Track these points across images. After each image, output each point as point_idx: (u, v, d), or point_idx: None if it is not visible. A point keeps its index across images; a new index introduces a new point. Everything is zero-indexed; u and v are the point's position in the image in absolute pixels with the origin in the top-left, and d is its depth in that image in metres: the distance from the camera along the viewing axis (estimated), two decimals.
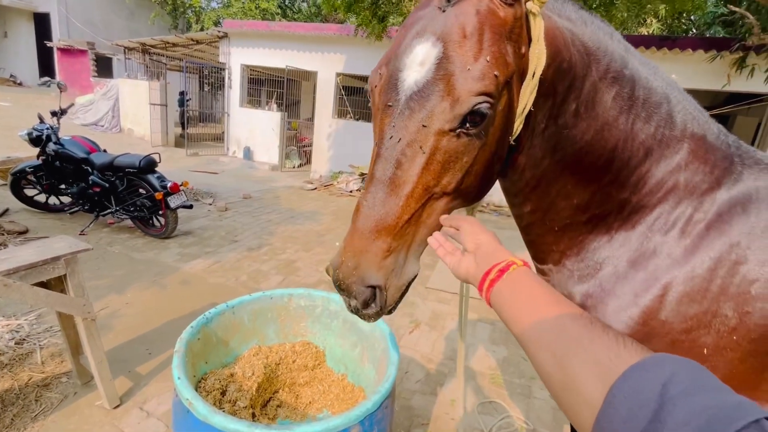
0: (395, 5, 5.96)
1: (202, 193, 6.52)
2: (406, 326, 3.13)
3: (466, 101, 0.66)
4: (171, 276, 3.58)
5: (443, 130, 0.68)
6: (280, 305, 1.39)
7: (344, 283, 0.72)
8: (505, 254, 0.65)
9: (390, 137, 0.70)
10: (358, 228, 0.72)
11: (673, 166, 0.85)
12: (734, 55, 5.94)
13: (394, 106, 0.70)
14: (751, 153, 0.93)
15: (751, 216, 0.83)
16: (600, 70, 0.81)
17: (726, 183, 0.86)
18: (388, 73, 0.73)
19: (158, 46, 11.92)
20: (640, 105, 0.83)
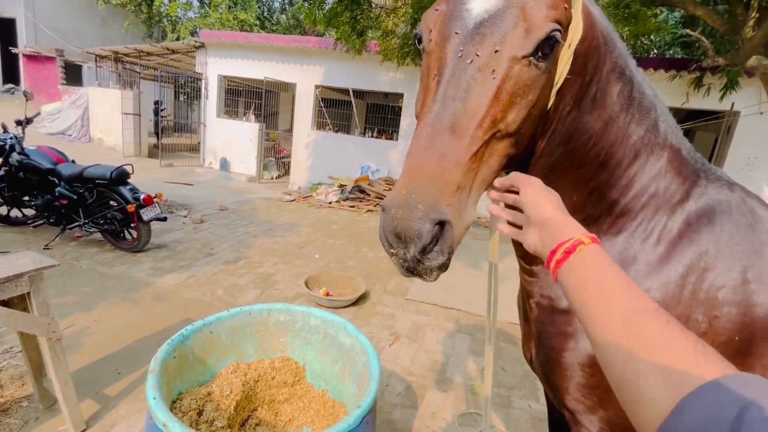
0: (374, 20, 6.07)
1: (177, 205, 6.35)
2: (386, 339, 3.12)
3: (543, 26, 0.66)
4: (143, 291, 3.45)
5: (516, 57, 0.66)
6: (259, 321, 1.37)
7: (405, 222, 0.60)
8: (572, 229, 0.58)
9: (458, 61, 0.66)
10: (422, 158, 0.63)
11: (655, 173, 0.90)
12: (692, 75, 6.34)
13: (461, 34, 0.68)
14: (714, 170, 1.00)
15: (716, 226, 0.89)
16: (612, 61, 0.83)
17: (694, 195, 0.92)
18: (450, 7, 0.71)
19: (132, 55, 11.67)
20: (635, 106, 0.87)
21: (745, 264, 0.86)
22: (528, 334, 1.12)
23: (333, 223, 6.53)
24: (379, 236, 0.67)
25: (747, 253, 0.87)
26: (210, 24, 14.10)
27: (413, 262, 0.63)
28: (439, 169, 0.63)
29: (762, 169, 6.53)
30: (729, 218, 0.90)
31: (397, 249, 0.63)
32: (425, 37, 0.74)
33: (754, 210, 0.92)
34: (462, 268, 4.83)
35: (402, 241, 0.62)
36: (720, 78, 6.07)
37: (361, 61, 8.25)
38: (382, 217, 0.65)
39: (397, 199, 0.62)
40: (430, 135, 0.64)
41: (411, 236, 0.60)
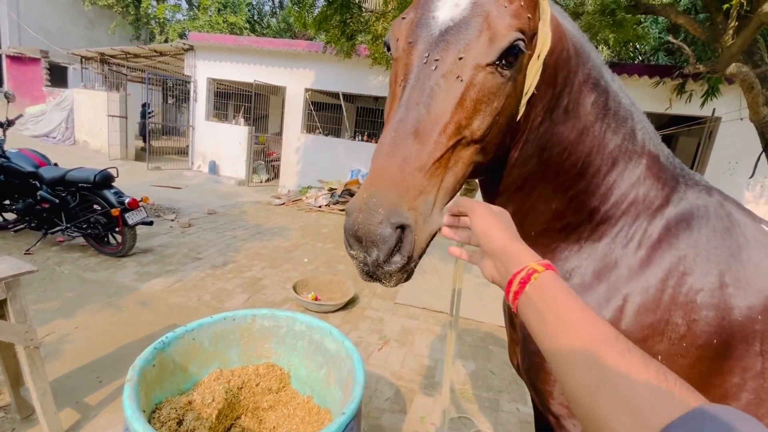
0: (364, 24, 6.08)
1: (164, 209, 6.26)
2: (374, 343, 3.10)
3: (506, 35, 0.66)
4: (127, 297, 3.38)
5: (480, 64, 0.67)
6: (243, 327, 1.35)
7: (365, 227, 0.60)
8: (524, 257, 0.57)
9: (423, 67, 0.67)
10: (385, 163, 0.63)
11: (634, 180, 0.91)
12: (675, 81, 6.48)
13: (426, 41, 0.68)
14: (692, 175, 1.02)
15: (694, 231, 0.91)
16: (584, 72, 0.84)
17: (673, 200, 0.93)
18: (418, 15, 0.71)
19: (118, 57, 11.51)
20: (611, 116, 0.88)
21: (723, 268, 0.88)
22: (514, 340, 1.12)
23: (322, 227, 6.50)
24: (343, 240, 0.67)
25: (724, 257, 0.89)
26: (199, 26, 13.99)
27: (373, 266, 0.62)
28: (401, 173, 0.62)
29: (742, 173, 6.69)
30: (707, 223, 0.92)
31: (358, 252, 0.63)
32: (393, 45, 0.75)
33: (731, 214, 0.94)
34: (451, 270, 4.83)
35: (362, 245, 0.62)
36: (701, 85, 6.21)
37: (350, 64, 8.26)
38: (345, 222, 0.65)
39: (358, 203, 0.62)
40: (393, 140, 0.64)
41: (371, 240, 0.60)
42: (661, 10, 4.55)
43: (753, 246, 0.90)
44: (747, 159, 6.56)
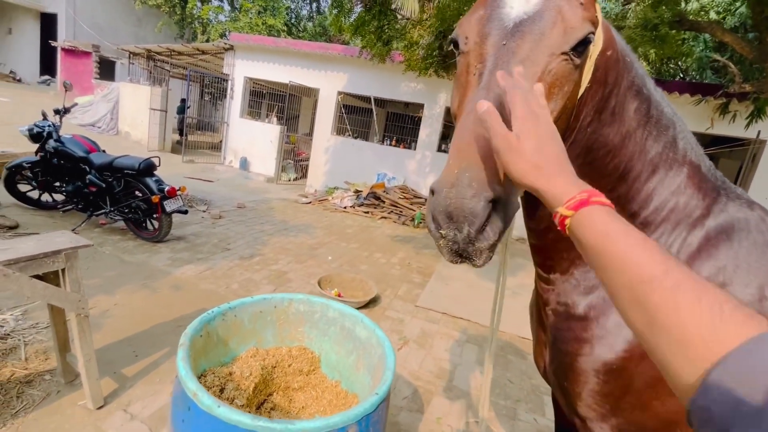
0: (399, 31, 6.19)
1: (197, 200, 6.51)
2: (394, 342, 3.14)
3: (581, 27, 0.70)
4: (162, 280, 3.55)
5: (556, 52, 0.70)
6: (280, 309, 1.43)
7: (458, 201, 0.59)
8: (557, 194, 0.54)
9: (501, 54, 0.70)
10: (470, 141, 0.63)
11: (674, 188, 0.92)
12: (718, 100, 6.27)
13: (501, 32, 0.71)
14: (734, 189, 1.02)
15: (734, 243, 0.91)
16: (629, 79, 0.87)
17: (714, 211, 0.94)
18: (488, 12, 0.75)
19: (163, 54, 12.08)
20: (653, 123, 0.90)
21: (762, 281, 0.88)
22: (541, 342, 1.14)
23: (347, 227, 6.60)
24: (426, 221, 0.67)
25: (764, 270, 0.89)
26: (239, 27, 14.53)
27: (464, 242, 0.61)
28: (490, 151, 0.61)
29: None
30: (747, 235, 0.92)
31: (447, 230, 0.62)
32: (462, 41, 0.77)
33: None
34: (473, 278, 4.82)
35: (453, 221, 0.61)
36: (747, 105, 5.98)
37: (383, 70, 8.39)
38: (430, 200, 0.65)
39: (448, 179, 0.62)
40: (477, 120, 0.63)
41: (465, 215, 0.59)
42: (707, 27, 4.45)
43: None
44: None
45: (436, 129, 8.74)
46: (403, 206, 7.90)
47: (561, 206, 0.52)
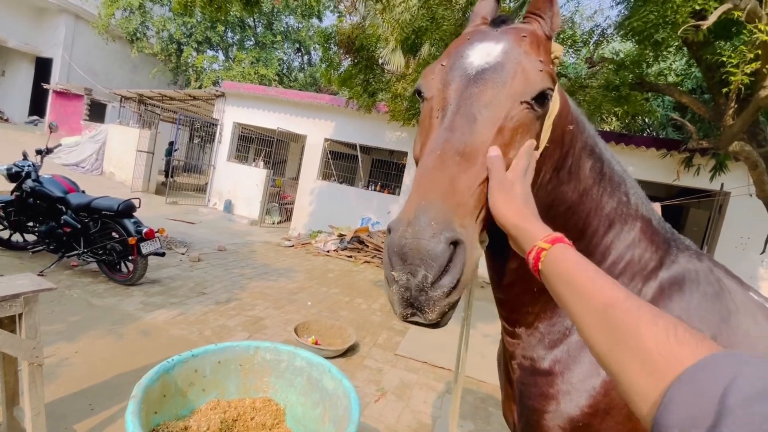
0: (385, 84, 6.53)
1: (176, 242, 6.40)
2: (371, 394, 3.01)
3: (541, 80, 0.73)
4: (130, 325, 3.40)
5: (517, 100, 0.71)
6: (245, 357, 1.37)
7: (415, 241, 0.55)
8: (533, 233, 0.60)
9: (464, 98, 0.70)
10: (434, 177, 0.61)
11: (630, 242, 0.95)
12: (682, 155, 6.67)
13: (464, 78, 0.73)
14: (683, 240, 1.07)
15: (686, 294, 0.94)
16: (583, 139, 0.91)
17: (666, 263, 0.97)
18: (451, 61, 0.77)
19: (155, 98, 12.38)
20: (606, 180, 0.95)
21: (714, 332, 0.90)
22: (510, 396, 1.12)
23: (329, 272, 6.52)
24: (383, 266, 0.61)
25: (715, 322, 0.91)
26: (232, 76, 15.10)
27: (417, 290, 0.56)
28: (452, 188, 0.60)
29: (755, 249, 6.63)
30: (698, 287, 0.95)
31: (401, 274, 0.56)
32: (426, 87, 0.79)
33: (720, 280, 0.98)
34: (454, 325, 4.74)
35: (407, 263, 0.56)
36: (709, 159, 6.38)
37: (369, 119, 8.74)
38: (387, 239, 0.60)
39: (406, 216, 0.58)
40: (440, 157, 0.64)
41: (422, 256, 0.55)
42: (666, 89, 4.83)
43: (742, 312, 0.93)
44: (759, 235, 6.53)
45: None
46: None
47: (539, 240, 0.57)
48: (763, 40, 2.56)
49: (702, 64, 4.09)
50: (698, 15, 2.98)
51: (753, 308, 0.95)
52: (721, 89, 3.70)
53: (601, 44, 5.89)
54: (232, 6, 4.80)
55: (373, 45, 5.89)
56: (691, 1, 2.81)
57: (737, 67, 2.88)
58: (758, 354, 0.88)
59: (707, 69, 4.06)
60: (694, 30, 2.90)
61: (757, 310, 0.96)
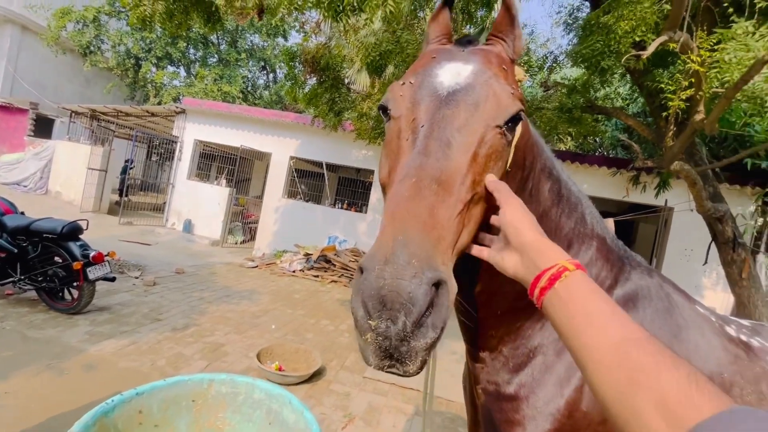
0: (350, 103, 6.59)
1: (130, 265, 6.01)
2: (339, 421, 2.90)
3: (513, 104, 0.71)
4: (72, 359, 3.11)
5: (490, 125, 0.69)
6: (198, 392, 1.27)
7: (394, 283, 0.49)
8: (555, 254, 0.57)
9: (436, 121, 0.67)
10: (411, 207, 0.56)
11: (587, 261, 0.96)
12: (630, 173, 7.13)
13: (435, 99, 0.70)
14: (634, 256, 1.10)
15: (640, 310, 0.97)
16: (541, 162, 0.92)
17: (620, 281, 0.99)
18: (419, 80, 0.74)
19: (109, 114, 11.82)
20: (564, 201, 0.96)
21: (666, 344, 0.93)
22: (475, 421, 1.10)
23: (294, 293, 6.34)
24: (351, 305, 0.53)
25: (667, 338, 0.94)
26: (194, 93, 14.72)
27: (398, 339, 0.49)
28: (432, 220, 0.55)
29: (698, 260, 7.10)
30: (650, 303, 0.98)
31: (378, 321, 0.49)
32: (392, 105, 0.75)
33: (670, 295, 1.01)
34: None
35: (388, 309, 0.49)
36: (654, 177, 6.85)
37: (336, 137, 8.75)
38: (357, 280, 0.53)
39: (382, 253, 0.52)
40: (416, 185, 0.59)
41: (403, 301, 0.48)
42: (613, 112, 5.19)
43: (690, 327, 0.97)
44: (701, 246, 7.02)
45: None
46: (353, 269, 7.80)
47: (562, 260, 0.55)
48: (695, 69, 2.80)
49: (644, 90, 4.43)
50: (639, 45, 3.24)
51: (700, 322, 1.00)
52: (661, 113, 4.01)
53: (554, 70, 6.28)
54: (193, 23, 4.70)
55: (339, 65, 5.95)
56: (631, 33, 3.05)
57: (674, 93, 3.13)
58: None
59: (648, 95, 4.40)
60: (635, 59, 3.13)
61: (703, 323, 1.01)
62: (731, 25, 2.67)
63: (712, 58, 2.69)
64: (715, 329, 1.01)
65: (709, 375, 0.91)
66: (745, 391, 0.92)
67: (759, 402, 0.92)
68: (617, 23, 3.08)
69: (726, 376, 0.93)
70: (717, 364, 0.94)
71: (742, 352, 0.98)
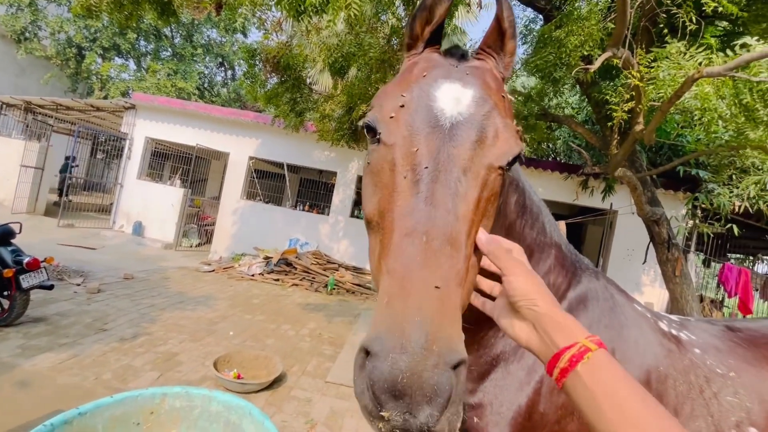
0: (313, 103, 6.50)
1: (70, 272, 5.57)
2: (300, 428, 2.84)
3: (515, 143, 0.67)
4: (2, 376, 2.83)
5: (494, 165, 0.65)
6: (149, 408, 1.20)
7: (417, 374, 0.44)
8: (573, 330, 0.53)
9: (441, 161, 0.61)
10: (426, 276, 0.50)
11: (546, 269, 1.01)
12: (579, 178, 7.58)
13: (437, 132, 0.63)
14: (583, 260, 1.18)
15: (590, 310, 1.04)
16: (509, 175, 0.88)
17: (573, 284, 1.06)
18: (414, 103, 0.66)
19: (47, 107, 10.90)
20: (528, 213, 0.98)
21: (613, 345, 1.00)
22: None
23: (253, 297, 6.15)
24: (356, 391, 0.48)
25: (613, 335, 1.02)
26: (145, 88, 13.91)
27: (420, 430, 0.44)
28: (447, 290, 0.50)
29: (638, 259, 7.68)
30: (597, 303, 1.06)
31: (394, 414, 0.44)
32: (384, 130, 0.67)
33: (613, 296, 1.09)
34: None
35: (407, 402, 0.44)
36: (600, 182, 7.32)
37: (297, 138, 8.60)
38: (361, 364, 0.47)
39: (395, 337, 0.45)
40: (428, 247, 0.53)
41: (426, 393, 0.43)
42: (565, 120, 5.49)
43: (631, 325, 1.05)
44: (641, 247, 7.59)
45: (349, 195, 9.00)
46: (315, 272, 7.70)
47: (583, 339, 0.52)
48: (635, 84, 3.04)
49: (591, 100, 4.73)
50: (587, 59, 3.46)
51: (638, 319, 1.08)
52: (606, 123, 4.31)
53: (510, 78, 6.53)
54: (145, 14, 4.45)
55: (300, 65, 5.85)
56: (580, 47, 3.25)
57: (618, 105, 3.37)
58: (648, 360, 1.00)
59: (595, 104, 4.70)
60: (584, 72, 3.34)
61: (641, 320, 1.09)
62: (666, 45, 2.92)
63: (650, 74, 2.92)
64: (651, 325, 1.10)
65: (648, 369, 0.99)
66: (678, 382, 1.00)
67: (689, 390, 1.01)
68: (567, 38, 3.27)
69: (662, 369, 1.01)
70: (654, 358, 1.02)
71: (674, 345, 1.07)
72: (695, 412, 0.96)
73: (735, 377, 1.00)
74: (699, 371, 1.01)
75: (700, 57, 2.69)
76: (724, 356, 1.05)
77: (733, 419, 0.95)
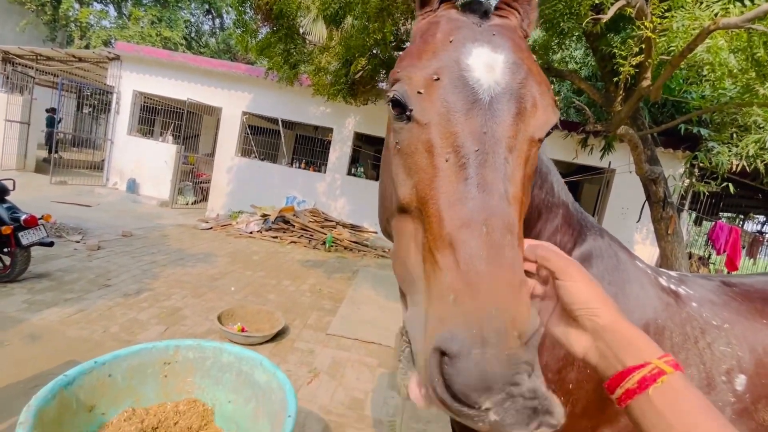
0: (307, 55, 6.22)
1: (68, 229, 5.57)
2: (304, 377, 2.99)
3: (552, 113, 0.63)
4: (11, 330, 2.91)
5: (534, 138, 0.62)
6: (164, 359, 1.25)
7: (501, 364, 0.44)
8: (644, 346, 0.49)
9: (486, 141, 0.57)
10: (496, 268, 0.49)
11: (554, 229, 1.02)
12: (579, 136, 7.49)
13: (477, 107, 0.59)
14: (588, 219, 1.19)
15: (593, 268, 1.06)
16: None
17: (578, 243, 1.08)
18: (449, 72, 0.61)
19: (26, 57, 10.35)
20: (537, 173, 0.96)
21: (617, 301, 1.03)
22: None
23: (253, 254, 6.23)
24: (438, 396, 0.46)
25: (616, 291, 1.05)
26: (128, 36, 13.16)
27: (530, 395, 0.45)
28: (515, 276, 0.49)
29: (632, 218, 7.79)
30: (601, 261, 1.08)
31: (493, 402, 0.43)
32: (416, 106, 0.61)
33: (617, 254, 1.12)
34: (383, 300, 4.89)
35: (496, 390, 0.43)
36: (600, 140, 7.25)
37: (292, 92, 8.31)
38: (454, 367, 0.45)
39: (474, 330, 0.45)
40: (490, 238, 0.51)
41: (511, 377, 0.44)
42: (568, 75, 5.31)
43: (633, 281, 1.08)
44: (636, 206, 7.68)
45: (346, 152, 8.87)
46: (313, 230, 7.76)
47: (656, 358, 0.47)
48: (647, 35, 2.91)
49: (597, 54, 4.55)
50: (597, 8, 3.29)
51: (640, 275, 1.11)
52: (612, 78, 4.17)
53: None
54: None
55: (294, 13, 5.52)
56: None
57: (625, 59, 3.25)
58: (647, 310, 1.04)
59: (601, 59, 4.53)
60: (593, 22, 3.19)
61: (642, 277, 1.13)
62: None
63: (662, 25, 2.79)
64: (651, 281, 1.13)
65: (647, 321, 1.04)
66: (674, 333, 1.05)
67: (684, 341, 1.06)
68: None
69: (660, 321, 1.06)
70: (653, 312, 1.06)
71: (672, 299, 1.11)
72: (689, 361, 1.01)
73: (729, 329, 1.05)
74: (695, 323, 1.06)
75: (716, 7, 2.56)
76: (719, 309, 1.10)
77: (724, 367, 1.01)
